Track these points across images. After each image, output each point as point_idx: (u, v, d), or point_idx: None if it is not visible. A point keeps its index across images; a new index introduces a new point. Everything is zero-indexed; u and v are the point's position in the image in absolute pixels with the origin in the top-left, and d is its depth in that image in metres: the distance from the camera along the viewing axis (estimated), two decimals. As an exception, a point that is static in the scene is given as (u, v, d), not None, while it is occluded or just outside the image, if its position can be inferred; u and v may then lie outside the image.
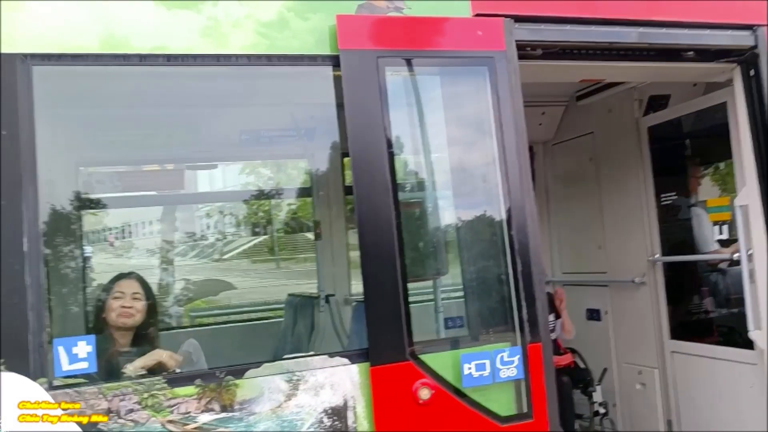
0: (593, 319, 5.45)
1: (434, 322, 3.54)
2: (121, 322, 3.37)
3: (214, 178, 5.94)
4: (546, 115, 5.60)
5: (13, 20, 2.68)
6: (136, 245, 17.82)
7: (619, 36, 3.56)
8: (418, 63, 3.27)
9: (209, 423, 2.74)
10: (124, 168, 5.25)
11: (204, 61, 2.96)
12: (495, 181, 3.27)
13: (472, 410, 3.07)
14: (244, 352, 4.48)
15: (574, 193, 5.65)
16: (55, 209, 4.60)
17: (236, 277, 12.13)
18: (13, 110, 2.63)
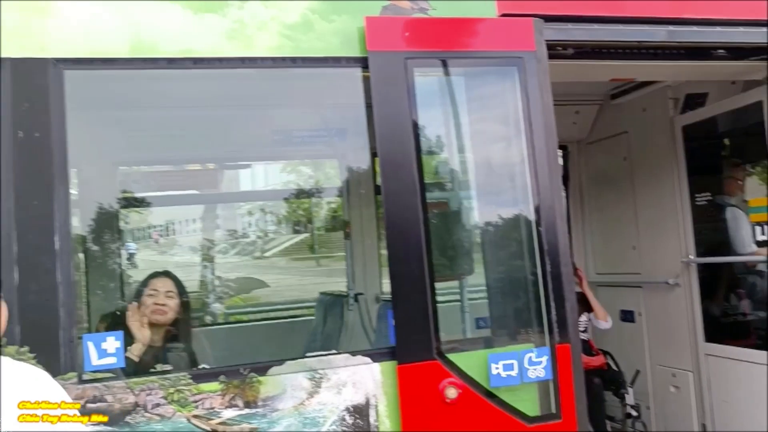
0: (627, 320, 5.38)
1: (462, 322, 3.54)
2: (154, 318, 3.44)
3: (246, 178, 6.02)
4: (580, 114, 5.55)
5: (44, 26, 2.77)
6: (170, 242, 18.21)
7: (648, 35, 3.51)
8: (447, 64, 3.29)
9: (233, 419, 2.80)
10: (160, 168, 5.36)
11: (231, 64, 3.01)
12: (524, 181, 3.27)
13: (499, 410, 3.07)
14: (275, 350, 4.55)
15: (609, 193, 5.59)
16: (94, 208, 4.76)
17: (268, 274, 12.28)
18: (45, 113, 2.72)
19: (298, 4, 3.08)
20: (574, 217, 5.92)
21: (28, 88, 2.71)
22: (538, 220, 3.22)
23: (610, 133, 5.49)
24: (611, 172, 5.53)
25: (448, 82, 3.36)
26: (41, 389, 1.89)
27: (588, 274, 5.67)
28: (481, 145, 3.43)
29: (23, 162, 2.67)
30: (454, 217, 3.56)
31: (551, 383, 3.16)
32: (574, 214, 5.93)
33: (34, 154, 2.70)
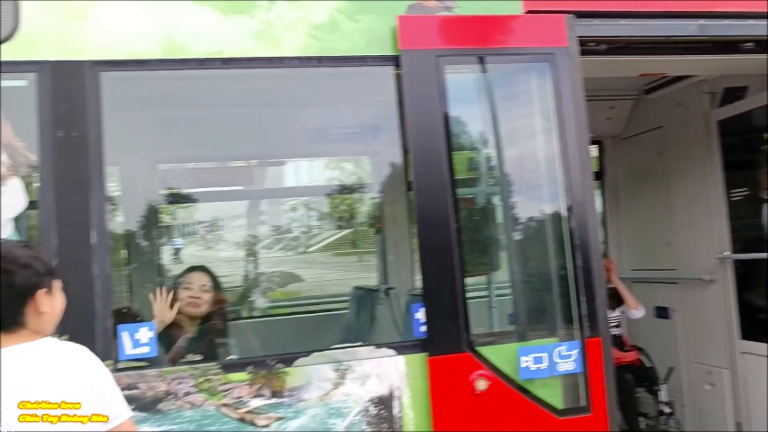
0: (662, 317, 5.33)
1: (492, 315, 3.58)
2: (189, 311, 3.57)
3: (281, 175, 6.12)
4: (614, 109, 5.50)
5: (81, 29, 2.90)
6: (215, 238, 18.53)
7: (678, 29, 3.49)
8: (478, 61, 3.33)
9: (260, 408, 2.90)
10: (198, 165, 5.50)
11: (259, 64, 3.10)
12: (555, 177, 3.30)
13: (529, 402, 3.11)
14: (311, 342, 4.65)
15: (644, 188, 5.54)
16: (135, 204, 4.93)
17: (306, 269, 12.44)
18: (83, 113, 2.85)
19: (325, 5, 3.15)
20: (609, 212, 5.89)
21: (66, 90, 2.84)
22: (569, 216, 3.24)
23: (644, 128, 5.43)
24: (646, 167, 5.48)
25: (479, 79, 3.40)
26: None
27: (623, 270, 5.64)
28: (511, 141, 3.46)
29: (62, 160, 2.81)
30: (484, 213, 3.59)
31: (581, 377, 3.18)
32: (609, 209, 5.89)
33: (72, 153, 2.83)
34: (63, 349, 2.00)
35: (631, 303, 5.01)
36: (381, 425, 2.99)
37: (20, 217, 2.82)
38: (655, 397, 4.92)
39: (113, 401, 2.01)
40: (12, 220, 2.79)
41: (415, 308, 3.13)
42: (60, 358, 1.96)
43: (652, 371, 5.01)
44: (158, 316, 3.39)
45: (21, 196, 2.81)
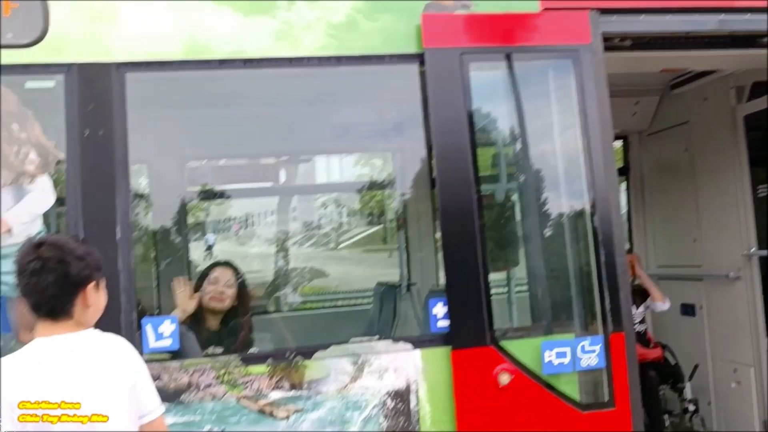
0: (688, 314, 5.29)
1: (515, 310, 3.61)
2: (213, 305, 3.65)
3: (307, 171, 6.19)
4: (640, 105, 5.46)
5: (108, 32, 2.99)
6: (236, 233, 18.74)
7: (700, 24, 3.47)
8: (502, 58, 3.36)
9: (279, 400, 2.97)
10: (226, 162, 5.60)
11: (280, 64, 3.17)
12: (579, 174, 3.32)
13: (552, 396, 3.14)
14: (332, 336, 4.72)
15: (670, 185, 5.49)
16: (163, 200, 5.04)
17: (328, 265, 12.52)
18: (109, 113, 2.94)
19: (343, 5, 3.20)
20: (635, 209, 5.85)
21: (93, 90, 2.94)
22: (593, 211, 3.26)
23: (670, 124, 5.39)
24: (672, 163, 5.44)
25: (503, 76, 3.43)
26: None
27: (649, 266, 5.60)
28: (535, 138, 3.48)
29: (89, 158, 2.91)
30: (508, 208, 3.62)
31: (605, 372, 3.20)
32: (634, 206, 5.85)
33: (99, 151, 2.92)
34: (106, 342, 2.08)
35: (656, 295, 4.99)
36: (398, 419, 3.04)
37: (49, 213, 2.93)
38: (679, 394, 4.89)
39: (148, 397, 2.09)
40: (41, 215, 2.90)
41: (433, 303, 3.17)
42: (103, 350, 2.04)
43: (676, 368, 4.98)
44: (180, 305, 3.47)
45: (50, 192, 2.92)
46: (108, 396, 1.97)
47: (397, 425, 3.04)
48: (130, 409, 2.03)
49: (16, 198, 2.88)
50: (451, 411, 3.07)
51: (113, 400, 1.98)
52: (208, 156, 5.39)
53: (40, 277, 1.98)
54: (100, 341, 2.07)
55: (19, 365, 1.97)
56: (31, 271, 1.99)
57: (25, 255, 2.02)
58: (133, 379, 2.05)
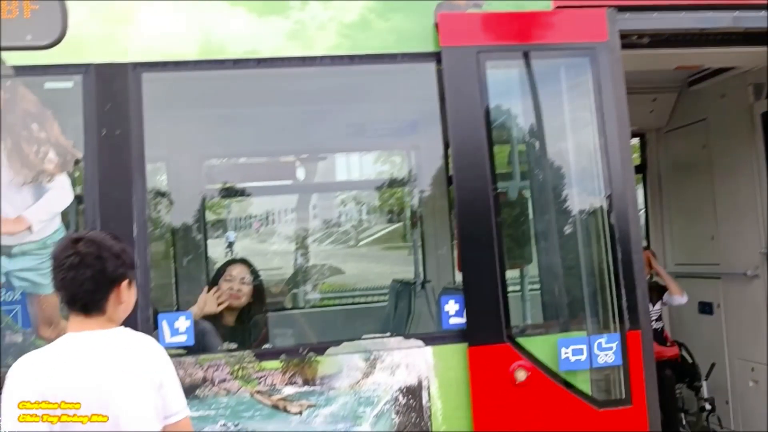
0: (705, 312, 5.26)
1: (531, 307, 3.61)
2: (229, 302, 3.70)
3: (323, 169, 6.24)
4: (657, 102, 5.43)
5: (124, 33, 3.05)
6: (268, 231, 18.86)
7: (714, 21, 3.46)
8: (518, 57, 3.38)
9: (292, 395, 3.01)
10: (244, 160, 5.66)
11: (293, 64, 3.20)
12: (596, 171, 3.33)
13: (568, 393, 3.16)
14: (346, 333, 4.77)
15: (687, 182, 5.46)
16: (183, 198, 5.11)
17: (344, 262, 12.58)
18: (126, 112, 3.00)
19: (356, 4, 3.23)
20: (652, 206, 5.82)
21: (110, 90, 2.99)
22: (610, 209, 3.27)
23: (688, 121, 5.35)
24: (690, 160, 5.40)
25: (520, 74, 3.44)
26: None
27: (666, 264, 5.57)
28: (552, 135, 3.49)
29: (106, 157, 2.97)
30: (525, 206, 3.63)
31: (621, 369, 3.20)
32: (651, 203, 5.83)
33: (116, 150, 2.98)
34: (136, 340, 2.10)
35: (674, 289, 4.98)
36: (410, 415, 3.07)
37: (67, 210, 2.99)
38: (696, 393, 4.87)
39: (174, 398, 2.10)
40: (59, 213, 2.96)
41: (445, 301, 3.19)
42: (132, 348, 2.07)
43: (693, 367, 4.96)
44: (206, 306, 3.53)
45: (68, 191, 2.99)
46: (134, 394, 1.99)
47: (408, 421, 3.07)
48: (156, 409, 2.04)
49: (36, 196, 2.94)
50: (462, 407, 3.09)
51: (139, 398, 2.00)
52: (228, 154, 5.45)
53: (77, 271, 2.01)
54: (130, 339, 2.10)
55: (50, 359, 1.99)
56: (69, 265, 2.01)
57: (63, 249, 2.04)
58: (161, 379, 2.07)
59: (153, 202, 4.85)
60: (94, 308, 2.04)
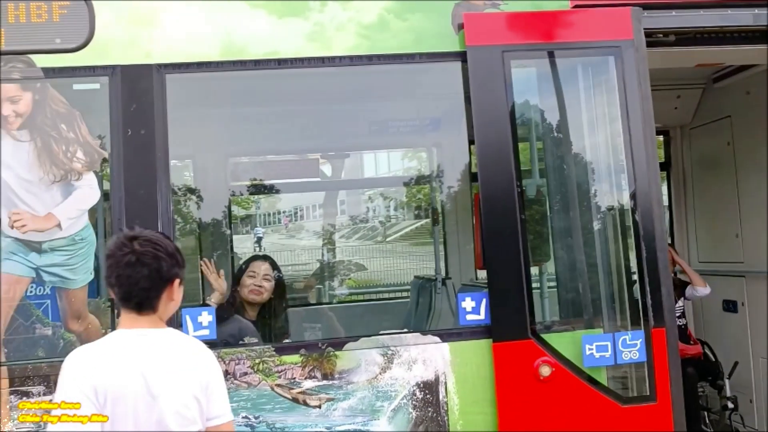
0: (729, 310, 5.22)
1: (556, 304, 3.63)
2: (251, 298, 3.77)
3: (348, 166, 6.30)
4: (681, 99, 5.40)
5: (149, 35, 3.13)
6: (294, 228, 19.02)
7: (736, 19, 3.45)
8: (543, 56, 3.41)
9: (312, 389, 3.07)
10: (267, 158, 5.73)
11: (312, 64, 3.26)
12: (622, 169, 3.35)
13: (592, 389, 3.18)
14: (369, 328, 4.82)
15: (712, 179, 5.42)
16: (209, 194, 5.21)
17: (366, 258, 12.63)
18: (150, 113, 3.09)
19: (374, 5, 3.28)
20: (676, 203, 5.79)
21: (135, 91, 3.08)
22: (635, 207, 3.29)
23: (713, 118, 5.31)
24: (714, 157, 5.37)
25: (544, 73, 3.47)
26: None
27: (691, 262, 5.55)
28: (577, 133, 3.52)
29: (131, 156, 3.06)
30: (549, 203, 3.64)
31: (645, 366, 3.22)
32: (676, 201, 5.79)
33: (141, 149, 3.07)
34: (185, 342, 2.17)
35: (696, 281, 4.96)
36: (427, 409, 3.12)
37: (95, 208, 3.09)
38: (719, 391, 4.84)
39: (219, 401, 2.15)
40: (87, 211, 3.06)
41: (462, 298, 3.23)
42: (182, 349, 2.12)
43: (716, 365, 4.93)
44: (214, 286, 3.61)
45: (96, 189, 3.08)
46: (180, 394, 2.03)
47: (425, 416, 3.12)
48: (200, 410, 2.08)
49: (64, 194, 3.04)
50: (479, 402, 3.14)
51: (184, 398, 2.04)
52: (267, 151, 5.54)
53: (134, 269, 2.04)
54: (180, 341, 2.15)
55: (102, 355, 2.03)
56: (126, 263, 2.05)
57: (119, 247, 2.07)
58: (207, 380, 2.11)
59: (181, 198, 4.96)
60: (147, 306, 2.08)
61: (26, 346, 3.02)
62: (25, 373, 2.92)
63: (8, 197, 3.02)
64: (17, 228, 3.00)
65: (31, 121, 3.04)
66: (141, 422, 1.99)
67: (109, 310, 3.05)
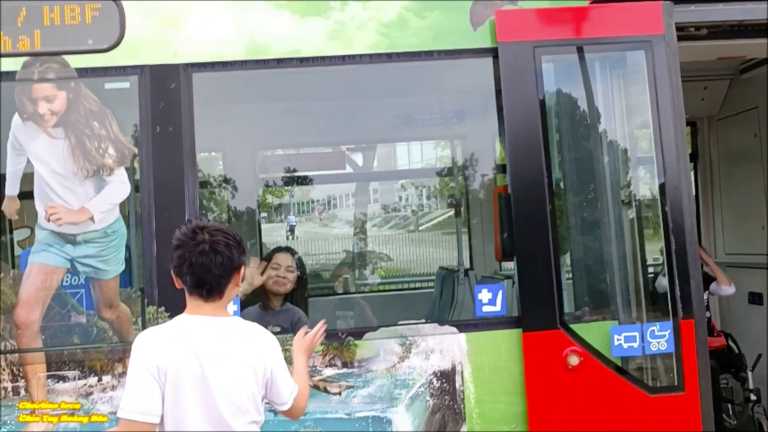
0: (755, 302, 5.20)
1: (584, 295, 3.68)
2: (275, 289, 3.89)
3: (374, 158, 6.40)
4: (708, 90, 5.37)
5: (176, 36, 3.26)
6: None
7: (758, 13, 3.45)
8: (574, 51, 3.45)
9: (332, 377, 3.19)
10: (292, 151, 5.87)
11: (333, 62, 3.36)
12: (652, 162, 3.39)
13: (620, 378, 3.25)
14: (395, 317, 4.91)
15: (739, 171, 5.39)
16: (238, 186, 5.35)
17: (390, 248, 12.72)
18: (178, 110, 3.22)
19: (393, 4, 3.36)
20: (703, 195, 5.75)
21: (163, 90, 3.21)
22: (664, 199, 3.33)
23: (740, 109, 5.27)
24: (741, 148, 5.33)
25: (575, 68, 3.51)
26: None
27: (717, 254, 5.54)
28: (607, 127, 3.55)
29: (159, 152, 3.19)
30: (579, 195, 3.69)
31: (674, 356, 3.27)
32: (703, 192, 5.76)
33: (169, 145, 3.20)
34: (246, 330, 2.23)
35: (722, 279, 4.95)
36: (443, 397, 3.21)
37: (125, 202, 3.24)
38: (742, 383, 4.84)
39: (285, 383, 2.26)
40: (118, 204, 3.21)
41: (478, 290, 3.32)
42: (247, 336, 2.21)
43: (739, 357, 4.93)
44: (253, 281, 3.74)
45: (126, 183, 3.23)
46: (234, 382, 2.11)
47: (442, 403, 3.21)
48: (254, 400, 2.16)
49: (97, 189, 3.19)
50: (494, 392, 3.22)
51: (239, 386, 2.12)
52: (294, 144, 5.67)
53: (208, 257, 2.10)
54: (241, 327, 2.22)
55: (167, 337, 2.12)
56: (200, 251, 2.10)
57: (191, 236, 2.13)
58: (272, 367, 2.20)
59: (211, 190, 5.11)
60: (216, 292, 2.15)
61: (62, 333, 3.18)
62: (61, 358, 3.08)
63: (44, 191, 3.18)
64: (53, 221, 3.16)
65: (66, 119, 3.19)
66: (197, 404, 2.08)
67: (139, 300, 3.19)
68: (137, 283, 3.26)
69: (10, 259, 3.88)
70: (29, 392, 2.93)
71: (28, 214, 3.35)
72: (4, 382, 2.96)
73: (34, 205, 3.20)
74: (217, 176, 5.35)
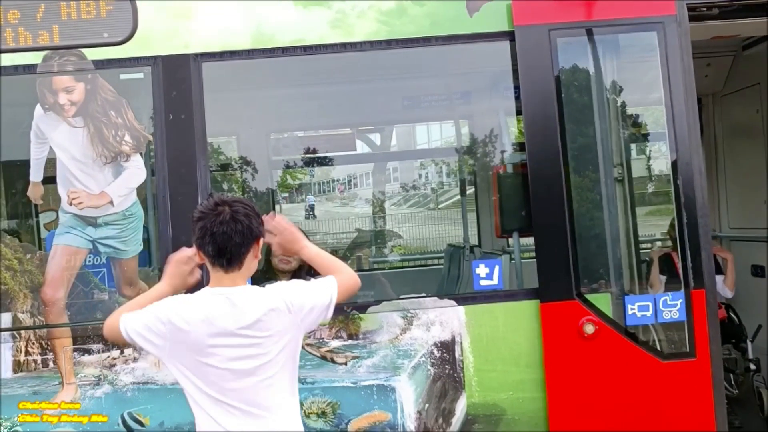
0: (757, 275, 5.31)
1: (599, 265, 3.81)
2: (280, 267, 4.06)
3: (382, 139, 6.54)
4: (711, 67, 5.43)
5: (186, 28, 3.43)
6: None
7: None
8: (588, 33, 3.55)
9: (338, 348, 3.38)
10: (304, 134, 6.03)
11: (336, 50, 3.50)
12: (663, 139, 3.53)
13: (633, 345, 3.41)
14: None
15: (742, 146, 5.46)
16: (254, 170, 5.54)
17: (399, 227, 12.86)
18: (189, 99, 3.40)
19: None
20: (708, 170, 5.82)
21: (175, 79, 3.39)
22: (676, 173, 3.45)
23: (743, 85, 5.34)
24: (745, 124, 5.40)
25: (589, 49, 3.60)
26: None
27: (722, 228, 5.64)
28: (621, 105, 3.68)
29: (172, 138, 3.38)
30: (594, 171, 3.81)
31: (686, 324, 3.41)
32: (708, 167, 5.81)
33: (181, 132, 3.39)
34: (259, 295, 2.26)
35: (730, 281, 5.01)
36: (444, 366, 3.39)
37: (142, 186, 3.44)
38: (742, 354, 4.97)
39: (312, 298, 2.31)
40: (135, 189, 3.41)
41: (476, 264, 3.48)
42: (261, 296, 2.25)
43: (740, 328, 5.05)
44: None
45: (142, 169, 3.43)
46: (237, 349, 2.17)
47: (443, 372, 3.39)
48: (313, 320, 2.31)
49: (115, 174, 3.40)
50: (491, 361, 3.39)
51: (241, 353, 2.18)
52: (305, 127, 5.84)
53: (228, 226, 2.16)
54: (254, 295, 2.25)
55: (182, 299, 2.21)
56: (221, 221, 2.16)
57: (213, 207, 2.19)
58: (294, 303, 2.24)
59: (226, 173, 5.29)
60: (236, 262, 2.19)
61: (86, 309, 3.41)
62: (86, 332, 3.32)
63: (66, 177, 3.39)
64: (75, 205, 3.37)
65: (84, 109, 3.39)
66: (205, 371, 2.17)
67: (157, 277, 3.39)
68: (155, 262, 3.47)
69: (36, 241, 4.12)
70: (57, 365, 3.19)
71: (54, 198, 3.56)
72: (34, 355, 3.22)
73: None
74: (235, 159, 5.53)
